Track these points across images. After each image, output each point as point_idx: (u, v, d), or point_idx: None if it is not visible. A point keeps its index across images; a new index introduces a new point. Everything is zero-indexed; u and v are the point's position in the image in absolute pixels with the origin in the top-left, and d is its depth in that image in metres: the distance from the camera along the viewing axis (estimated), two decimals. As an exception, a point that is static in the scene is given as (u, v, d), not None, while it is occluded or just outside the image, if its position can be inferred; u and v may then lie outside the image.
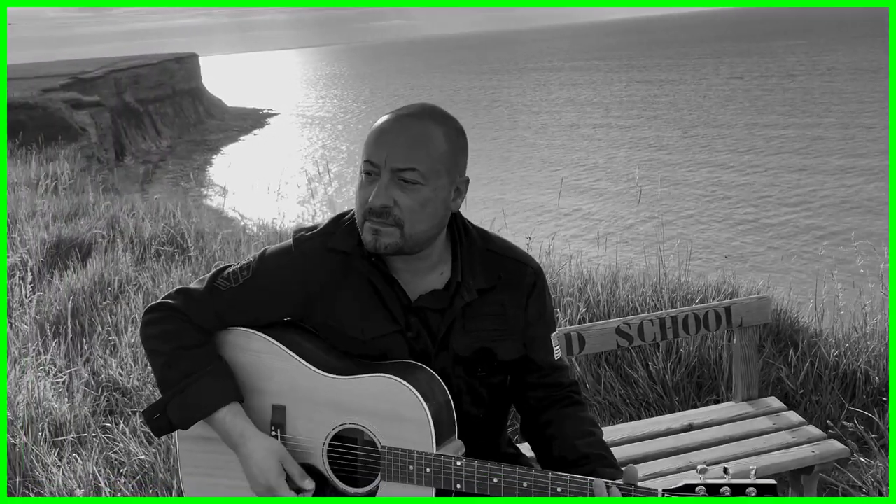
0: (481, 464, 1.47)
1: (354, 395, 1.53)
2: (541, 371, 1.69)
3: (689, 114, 33.77)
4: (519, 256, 1.69)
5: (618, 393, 3.56)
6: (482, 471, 1.47)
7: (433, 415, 1.49)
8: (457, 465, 1.47)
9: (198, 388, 1.55)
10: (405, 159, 1.48)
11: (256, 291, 1.61)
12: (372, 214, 1.49)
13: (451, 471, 1.47)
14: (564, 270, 4.48)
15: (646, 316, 2.51)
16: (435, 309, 1.60)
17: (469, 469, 1.47)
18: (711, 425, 2.55)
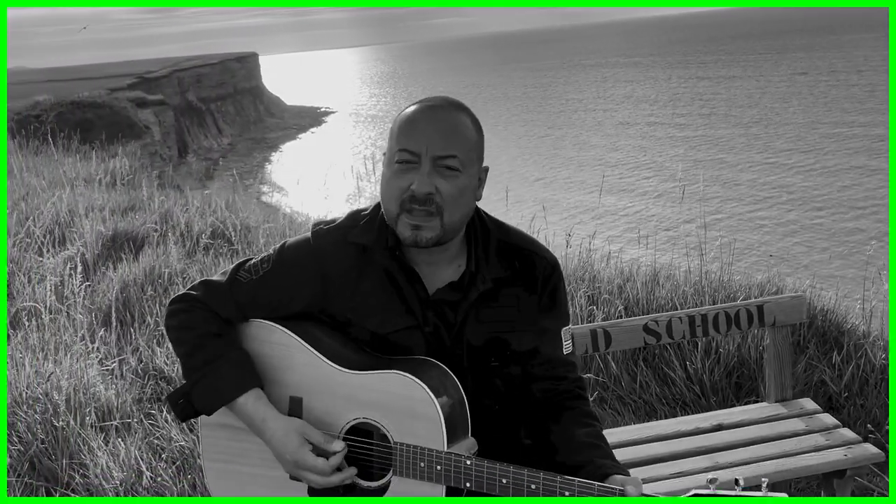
0: (490, 464, 1.46)
1: (368, 390, 1.55)
2: (548, 364, 1.69)
3: (748, 111, 32.87)
4: (534, 248, 1.69)
5: (654, 392, 3.52)
6: (491, 471, 1.46)
7: (445, 412, 1.50)
8: (467, 464, 1.47)
9: (220, 374, 1.59)
10: (446, 146, 1.51)
11: (275, 283, 1.64)
12: (414, 202, 1.50)
13: (461, 469, 1.48)
14: (603, 268, 4.43)
15: (675, 313, 2.47)
16: (450, 301, 1.61)
17: (479, 469, 1.47)
18: (741, 426, 2.50)
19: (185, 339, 1.64)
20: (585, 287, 4.12)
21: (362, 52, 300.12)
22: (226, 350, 1.62)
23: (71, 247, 5.41)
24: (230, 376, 1.60)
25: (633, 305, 3.99)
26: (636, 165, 23.49)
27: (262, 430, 1.59)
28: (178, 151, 36.07)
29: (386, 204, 1.55)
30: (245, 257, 1.77)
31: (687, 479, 2.21)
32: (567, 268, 4.38)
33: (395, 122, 1.57)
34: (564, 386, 1.70)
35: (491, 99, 51.01)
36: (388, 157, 1.57)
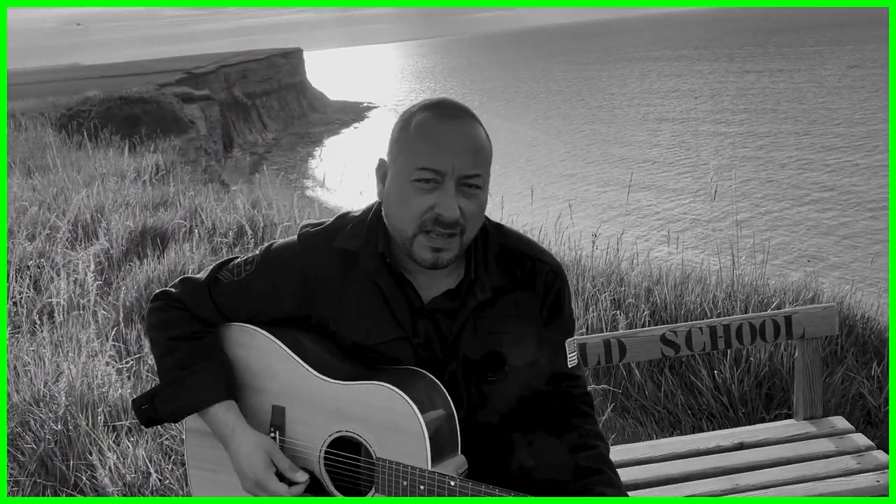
0: (475, 485, 1.37)
1: (351, 402, 1.47)
2: (549, 377, 1.58)
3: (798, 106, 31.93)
4: (536, 253, 1.58)
5: (679, 402, 3.37)
6: (476, 492, 1.37)
7: (430, 428, 1.41)
8: (451, 484, 1.38)
9: (189, 382, 1.52)
10: (472, 165, 1.42)
11: (258, 286, 1.56)
12: (437, 225, 1.40)
13: (444, 489, 1.38)
14: (631, 270, 4.28)
15: (694, 324, 2.32)
16: (446, 310, 1.52)
17: (464, 490, 1.38)
18: (765, 445, 2.34)
19: (158, 339, 1.58)
20: (611, 290, 3.97)
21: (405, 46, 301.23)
22: (199, 356, 1.54)
23: (97, 242, 5.43)
24: (198, 386, 1.53)
25: (660, 310, 3.83)
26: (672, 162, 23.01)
27: (227, 440, 1.52)
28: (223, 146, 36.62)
29: (399, 223, 1.45)
30: (230, 256, 1.69)
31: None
32: (592, 269, 4.24)
33: (408, 132, 1.44)
34: (567, 401, 1.59)
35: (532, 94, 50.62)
36: (399, 170, 1.44)
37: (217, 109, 37.47)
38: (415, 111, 1.47)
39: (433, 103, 1.47)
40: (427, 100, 1.49)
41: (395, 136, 1.47)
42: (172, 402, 1.53)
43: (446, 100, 1.48)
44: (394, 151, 1.47)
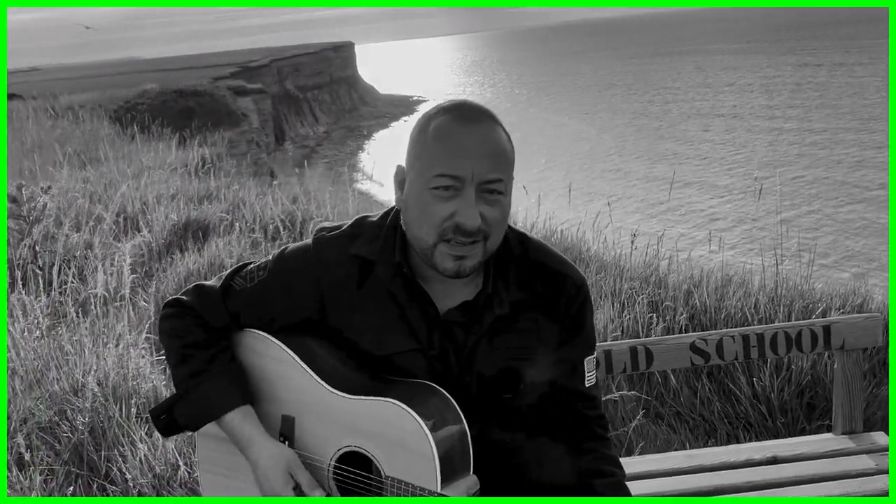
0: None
1: (361, 417, 1.43)
2: (565, 397, 1.54)
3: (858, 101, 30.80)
4: (559, 266, 1.52)
5: (716, 409, 3.26)
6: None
7: (440, 448, 1.36)
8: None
9: (204, 389, 1.50)
10: (493, 170, 1.36)
11: (271, 292, 1.53)
12: (458, 233, 1.35)
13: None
14: (671, 271, 4.16)
15: (726, 332, 2.23)
16: (462, 323, 1.46)
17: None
18: (800, 460, 2.24)
19: (172, 347, 1.55)
20: (648, 292, 3.87)
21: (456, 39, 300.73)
22: (212, 363, 1.52)
23: (140, 234, 5.54)
24: (214, 393, 1.50)
25: (699, 314, 3.72)
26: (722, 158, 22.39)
27: (246, 449, 1.49)
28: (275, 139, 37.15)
29: (418, 232, 1.40)
30: (244, 262, 1.67)
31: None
32: (630, 269, 4.14)
33: (425, 137, 1.39)
34: (582, 423, 1.54)
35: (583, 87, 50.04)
36: (417, 177, 1.39)
37: (269, 102, 38.00)
38: (432, 115, 1.41)
39: (451, 106, 1.41)
40: (445, 102, 1.43)
41: (413, 141, 1.42)
42: (190, 411, 1.51)
43: (465, 102, 1.42)
44: (411, 157, 1.42)
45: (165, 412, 1.53)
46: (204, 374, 1.50)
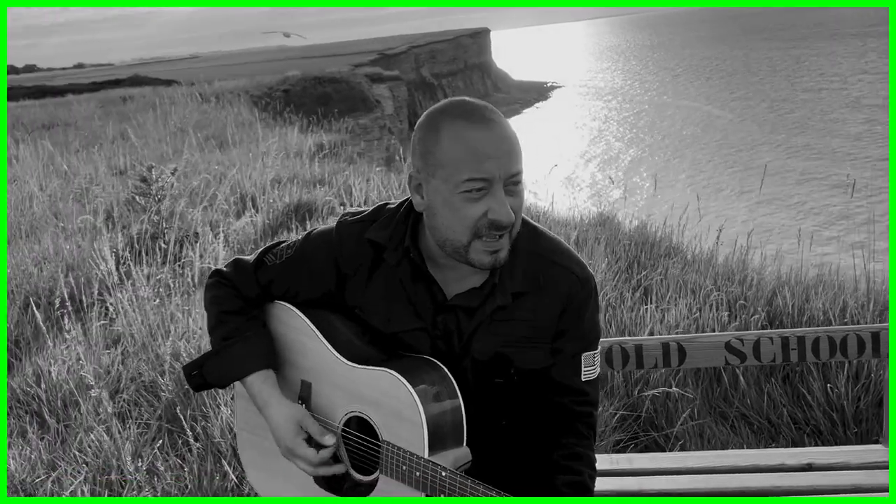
0: (463, 479, 1.39)
1: (363, 385, 1.55)
2: (556, 389, 1.58)
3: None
4: (564, 261, 1.57)
5: (784, 413, 3.15)
6: (463, 487, 1.39)
7: (430, 418, 1.45)
8: (441, 475, 1.42)
9: (232, 352, 1.65)
10: (515, 164, 1.43)
11: (296, 269, 1.67)
12: (493, 229, 1.43)
13: (436, 480, 1.43)
14: (757, 270, 4.01)
15: (764, 332, 2.18)
16: (466, 308, 1.56)
17: (452, 482, 1.41)
18: (836, 469, 2.16)
19: (210, 312, 1.72)
20: (731, 289, 3.76)
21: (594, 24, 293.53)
22: (243, 329, 1.66)
23: (254, 214, 5.93)
24: (240, 355, 1.65)
25: (780, 315, 3.57)
26: (852, 154, 20.60)
27: (263, 409, 1.64)
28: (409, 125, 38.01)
29: (450, 234, 1.46)
30: (277, 240, 1.82)
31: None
32: (715, 266, 4.03)
33: (440, 144, 1.43)
34: (565, 417, 1.58)
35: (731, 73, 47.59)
36: (442, 184, 1.44)
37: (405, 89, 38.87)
38: (439, 120, 1.45)
39: (458, 110, 1.45)
40: (447, 105, 1.47)
41: (424, 148, 1.46)
42: (217, 370, 1.67)
43: (467, 102, 1.47)
44: (429, 166, 1.45)
45: (197, 369, 1.69)
46: (233, 338, 1.66)
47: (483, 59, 56.76)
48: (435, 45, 51.07)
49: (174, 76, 38.15)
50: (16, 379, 3.83)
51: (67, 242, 5.37)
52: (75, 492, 2.83)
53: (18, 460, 3.15)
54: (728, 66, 52.07)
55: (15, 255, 5.61)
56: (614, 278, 4.01)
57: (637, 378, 3.21)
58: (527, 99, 51.05)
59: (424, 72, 48.34)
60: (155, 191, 5.81)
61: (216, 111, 15.21)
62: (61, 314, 3.99)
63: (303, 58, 48.87)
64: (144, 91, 24.70)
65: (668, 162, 21.09)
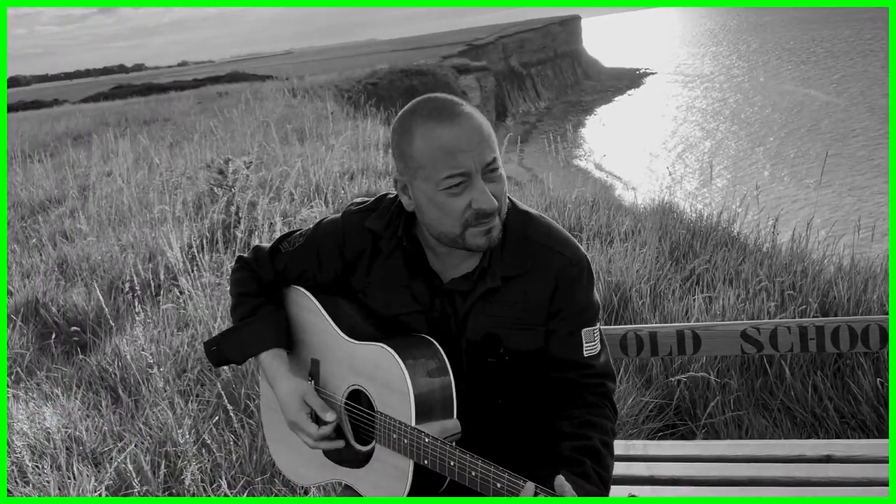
0: (444, 445, 1.48)
1: (360, 360, 1.66)
2: (560, 366, 1.63)
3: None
4: (555, 245, 1.62)
5: (830, 406, 3.06)
6: (443, 452, 1.48)
7: (417, 390, 1.54)
8: (425, 440, 1.50)
9: (248, 330, 1.79)
10: (489, 152, 1.50)
11: (307, 256, 1.79)
12: (480, 217, 1.51)
13: (420, 446, 1.51)
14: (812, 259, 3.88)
15: (782, 321, 2.14)
16: (461, 291, 1.64)
17: (433, 447, 1.49)
18: (856, 461, 2.10)
19: (232, 294, 1.86)
20: (786, 280, 3.66)
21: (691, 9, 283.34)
22: (257, 310, 1.80)
23: (321, 206, 6.14)
24: (254, 334, 1.78)
25: (834, 305, 3.46)
26: None
27: (273, 385, 1.77)
28: (496, 115, 37.97)
29: (442, 228, 1.54)
30: (294, 229, 1.95)
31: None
32: (772, 256, 3.92)
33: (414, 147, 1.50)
34: (573, 390, 1.62)
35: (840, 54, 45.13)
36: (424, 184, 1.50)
37: (492, 80, 38.84)
38: (410, 122, 1.51)
39: (426, 110, 1.51)
40: (415, 106, 1.53)
41: (402, 152, 1.54)
42: (233, 347, 1.81)
43: (434, 100, 1.53)
44: (409, 168, 1.53)
45: (215, 345, 1.84)
46: (250, 318, 1.80)
47: (573, 47, 55.95)
48: (524, 34, 50.72)
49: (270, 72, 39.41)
50: (96, 357, 4.16)
51: (153, 231, 5.73)
52: (138, 461, 3.07)
53: (91, 431, 3.43)
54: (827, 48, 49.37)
55: (105, 243, 6.03)
56: (664, 267, 3.97)
57: (676, 367, 3.19)
58: (618, 86, 50.04)
59: (513, 61, 48.11)
60: (231, 182, 6.11)
61: (302, 105, 15.69)
62: (132, 297, 4.29)
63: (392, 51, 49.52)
64: (241, 87, 25.70)
65: (752, 149, 20.28)
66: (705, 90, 41.24)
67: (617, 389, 1.73)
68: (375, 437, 1.63)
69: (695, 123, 30.58)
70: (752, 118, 29.25)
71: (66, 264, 5.90)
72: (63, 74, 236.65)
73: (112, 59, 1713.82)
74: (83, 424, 3.45)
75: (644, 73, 54.10)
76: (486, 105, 35.95)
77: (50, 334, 4.52)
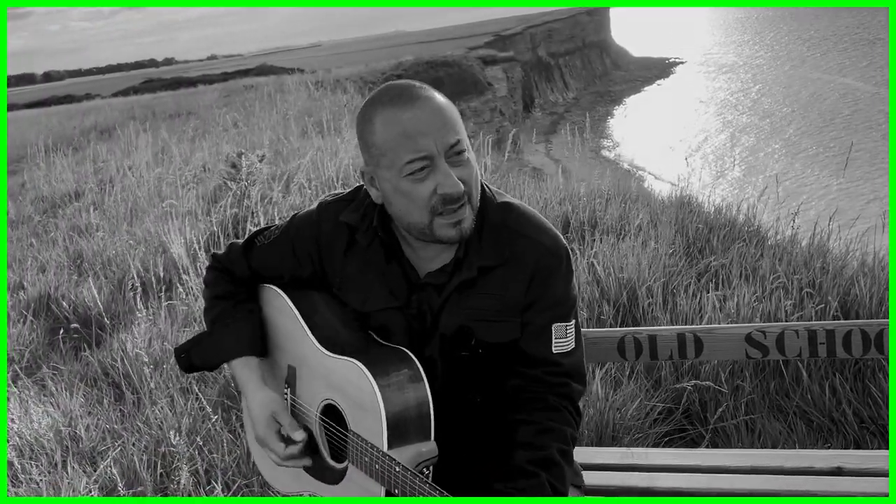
0: (413, 477, 1.37)
1: (334, 374, 1.56)
2: (527, 361, 1.54)
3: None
4: (532, 234, 1.54)
5: (849, 412, 2.91)
6: (413, 484, 1.37)
7: (389, 410, 1.44)
8: (395, 470, 1.41)
9: (218, 336, 1.71)
10: (451, 134, 1.43)
11: (280, 251, 1.70)
12: (448, 203, 1.43)
13: (391, 474, 1.42)
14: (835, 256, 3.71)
15: (790, 325, 2.01)
16: (436, 285, 1.56)
17: (404, 478, 1.39)
18: (867, 475, 1.97)
19: (204, 295, 1.79)
20: (805, 277, 3.50)
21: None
22: (229, 314, 1.71)
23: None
24: (223, 341, 1.70)
25: (855, 304, 3.30)
26: None
27: (243, 395, 1.71)
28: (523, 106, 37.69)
29: (410, 218, 1.47)
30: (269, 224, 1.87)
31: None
32: (791, 253, 3.76)
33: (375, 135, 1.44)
34: (536, 389, 1.53)
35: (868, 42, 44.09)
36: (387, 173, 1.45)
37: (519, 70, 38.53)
38: (371, 111, 1.46)
39: (386, 96, 1.45)
40: (376, 94, 1.47)
41: (365, 141, 1.47)
42: (203, 354, 1.73)
43: (393, 86, 1.47)
44: (373, 157, 1.46)
45: (185, 352, 1.76)
46: (220, 322, 1.71)
47: (601, 37, 55.41)
48: (552, 24, 50.31)
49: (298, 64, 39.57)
50: (102, 352, 4.14)
51: (164, 226, 5.71)
52: (132, 460, 3.03)
53: (92, 429, 3.40)
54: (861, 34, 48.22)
55: (119, 237, 6.03)
56: (678, 263, 3.83)
57: (686, 368, 3.07)
58: (647, 76, 49.48)
59: (541, 51, 47.73)
60: (245, 176, 6.07)
61: (324, 98, 15.67)
62: (135, 294, 4.26)
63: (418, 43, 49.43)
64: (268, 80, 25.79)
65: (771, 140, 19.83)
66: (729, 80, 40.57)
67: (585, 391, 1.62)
68: (348, 456, 1.54)
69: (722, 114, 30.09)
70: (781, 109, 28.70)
71: (82, 259, 5.91)
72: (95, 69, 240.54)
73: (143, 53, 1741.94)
74: (83, 422, 3.42)
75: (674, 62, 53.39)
76: (514, 96, 35.68)
77: (59, 329, 4.51)
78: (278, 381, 1.74)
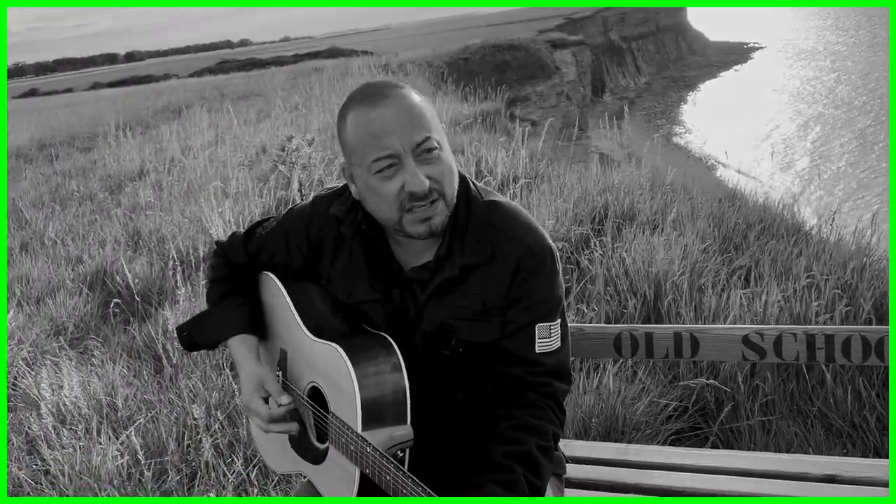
0: (382, 457, 1.42)
1: (317, 358, 1.63)
2: (510, 360, 1.56)
3: None
4: (518, 233, 1.55)
5: (872, 419, 2.83)
6: (381, 465, 1.42)
7: (366, 395, 1.49)
8: (367, 450, 1.45)
9: (217, 316, 1.80)
10: (418, 132, 1.45)
11: (275, 241, 1.78)
12: (414, 200, 1.46)
13: (363, 454, 1.46)
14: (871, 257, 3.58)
15: (788, 328, 1.97)
16: (420, 281, 1.60)
17: (373, 458, 1.44)
18: (861, 483, 1.92)
19: (206, 278, 1.90)
20: (838, 277, 3.40)
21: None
22: (227, 296, 1.81)
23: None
24: (221, 320, 1.79)
25: (875, 305, 3.19)
26: None
27: (238, 369, 1.78)
28: (593, 91, 37.08)
29: (382, 215, 1.52)
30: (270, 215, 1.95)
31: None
32: (824, 251, 3.65)
33: (347, 133, 1.49)
34: (517, 388, 1.55)
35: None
36: (359, 170, 1.49)
37: (589, 54, 37.86)
38: (345, 110, 1.50)
39: (359, 95, 1.49)
40: (352, 94, 1.52)
41: (342, 140, 1.52)
42: (203, 332, 1.82)
43: (368, 86, 1.50)
44: (347, 154, 1.52)
45: (187, 330, 1.85)
46: (220, 304, 1.81)
47: (677, 20, 53.95)
48: (625, 7, 49.22)
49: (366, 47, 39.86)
50: (146, 327, 4.34)
51: (210, 206, 5.91)
52: (161, 430, 3.19)
53: (130, 400, 3.58)
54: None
55: (174, 216, 6.28)
56: (711, 258, 3.76)
57: (704, 366, 3.03)
58: (725, 61, 47.98)
59: (613, 35, 46.82)
60: (294, 159, 6.21)
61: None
62: (175, 271, 4.44)
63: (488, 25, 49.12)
64: (337, 62, 26.09)
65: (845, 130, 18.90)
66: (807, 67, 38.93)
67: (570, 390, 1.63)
68: (329, 437, 1.60)
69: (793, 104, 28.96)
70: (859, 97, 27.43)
71: (139, 236, 6.18)
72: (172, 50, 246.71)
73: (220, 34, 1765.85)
74: (122, 392, 3.60)
75: (752, 47, 51.59)
76: (582, 80, 35.11)
77: (110, 303, 4.75)
78: (272, 363, 1.81)
